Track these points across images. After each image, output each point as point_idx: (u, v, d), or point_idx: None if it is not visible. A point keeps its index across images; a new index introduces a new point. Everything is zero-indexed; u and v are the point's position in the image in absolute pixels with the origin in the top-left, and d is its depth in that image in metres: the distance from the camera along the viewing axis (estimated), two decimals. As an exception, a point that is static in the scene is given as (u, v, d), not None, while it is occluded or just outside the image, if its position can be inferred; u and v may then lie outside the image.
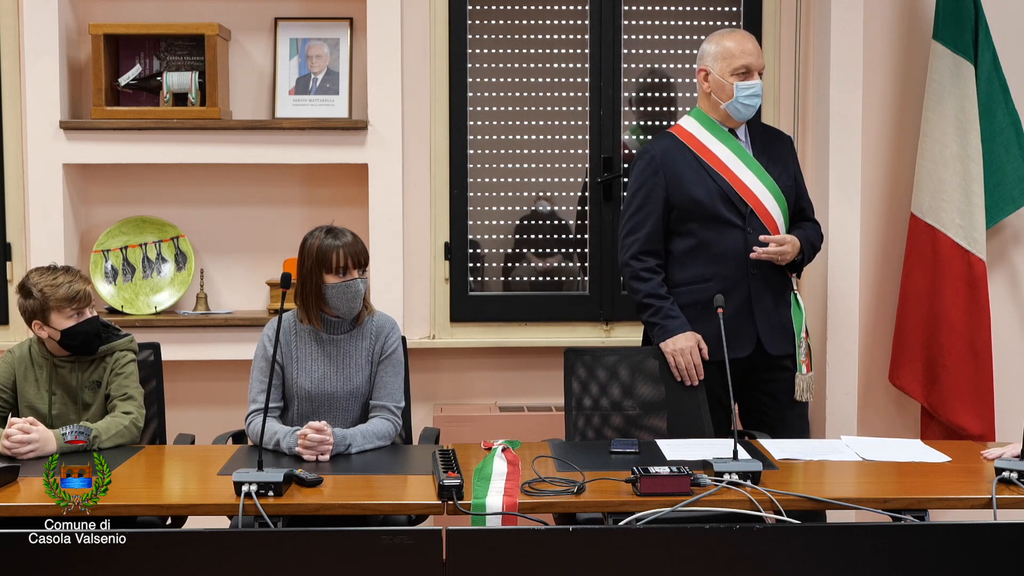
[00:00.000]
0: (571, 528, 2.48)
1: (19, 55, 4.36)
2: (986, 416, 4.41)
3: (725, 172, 3.75)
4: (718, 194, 3.74)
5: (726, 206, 3.73)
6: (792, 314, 3.81)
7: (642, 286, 3.77)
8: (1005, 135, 4.45)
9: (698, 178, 3.76)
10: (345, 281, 3.38)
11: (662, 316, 3.74)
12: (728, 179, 3.75)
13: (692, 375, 3.69)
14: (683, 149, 3.80)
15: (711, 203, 3.73)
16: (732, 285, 3.71)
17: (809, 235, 3.86)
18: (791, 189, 3.83)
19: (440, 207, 4.54)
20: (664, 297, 3.75)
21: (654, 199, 3.77)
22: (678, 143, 3.81)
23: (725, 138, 3.79)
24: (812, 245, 3.87)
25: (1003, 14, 4.50)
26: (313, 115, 4.42)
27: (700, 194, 3.74)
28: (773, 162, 3.80)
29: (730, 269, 3.73)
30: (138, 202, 4.50)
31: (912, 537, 2.50)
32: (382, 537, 2.41)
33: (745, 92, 3.71)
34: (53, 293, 3.37)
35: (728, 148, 3.78)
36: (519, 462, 3.07)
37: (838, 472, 3.16)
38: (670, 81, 4.62)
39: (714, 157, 3.77)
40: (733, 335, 3.55)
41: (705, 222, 3.75)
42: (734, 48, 3.74)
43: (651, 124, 4.61)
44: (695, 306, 3.72)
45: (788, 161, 3.87)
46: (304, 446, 3.18)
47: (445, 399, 4.58)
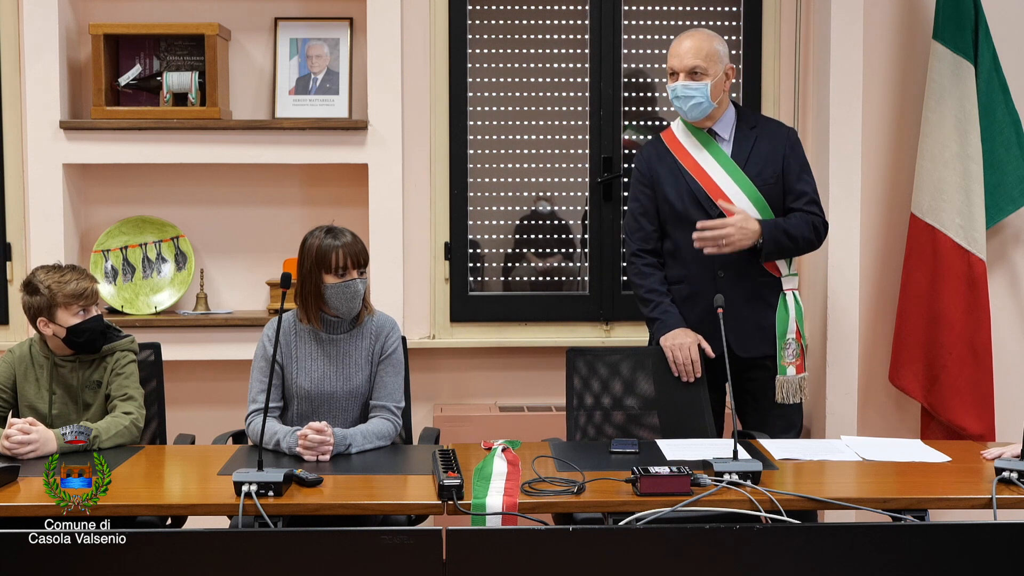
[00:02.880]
0: (571, 528, 2.48)
1: (19, 55, 4.36)
2: (986, 416, 4.41)
3: (698, 174, 3.75)
4: (688, 196, 3.75)
5: (695, 208, 3.73)
6: (777, 315, 3.75)
7: (642, 281, 3.81)
8: (1005, 135, 4.45)
9: (673, 180, 3.78)
10: (344, 281, 3.38)
11: (661, 311, 3.76)
12: (700, 181, 3.74)
13: (689, 371, 3.69)
14: (666, 152, 3.83)
15: (681, 205, 3.75)
16: (700, 288, 3.73)
17: (787, 223, 3.71)
18: (774, 186, 3.75)
19: (440, 207, 4.54)
20: (664, 293, 3.78)
21: (644, 200, 3.82)
22: (663, 146, 3.85)
23: (703, 139, 3.79)
24: (786, 232, 3.69)
25: (1003, 14, 4.50)
26: (313, 115, 4.42)
27: (672, 196, 3.77)
28: (754, 160, 3.76)
29: (698, 271, 3.73)
30: (138, 202, 4.50)
31: (912, 537, 2.50)
32: (382, 537, 2.41)
33: (671, 94, 3.74)
34: (60, 289, 3.38)
35: (705, 150, 3.78)
36: (519, 462, 3.07)
37: (838, 472, 3.15)
38: (653, 81, 4.62)
39: (690, 159, 3.78)
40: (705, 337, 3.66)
41: (677, 224, 3.77)
42: (670, 50, 3.76)
43: (642, 124, 4.62)
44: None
45: (773, 155, 3.77)
46: (304, 446, 3.18)
47: (445, 399, 4.58)
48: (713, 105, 3.73)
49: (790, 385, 3.76)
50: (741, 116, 3.84)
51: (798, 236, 3.71)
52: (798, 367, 3.77)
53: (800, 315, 3.79)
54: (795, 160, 3.80)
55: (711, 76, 3.70)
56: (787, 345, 3.76)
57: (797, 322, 3.77)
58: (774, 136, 3.82)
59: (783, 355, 3.76)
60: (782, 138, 3.83)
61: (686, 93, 3.70)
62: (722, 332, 3.32)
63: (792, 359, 3.76)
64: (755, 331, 3.75)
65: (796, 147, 3.84)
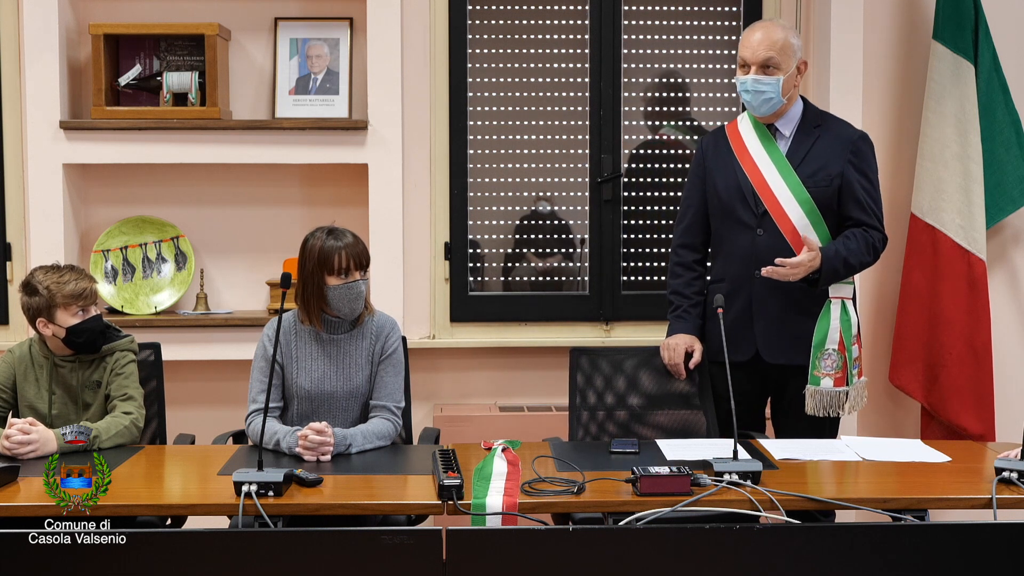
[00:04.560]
0: (571, 528, 2.48)
1: (19, 55, 4.36)
2: (986, 416, 4.41)
3: (750, 169, 3.63)
4: (736, 192, 3.64)
5: (741, 205, 3.63)
6: (818, 323, 3.58)
7: (672, 281, 3.79)
8: (1005, 135, 4.45)
9: (725, 174, 3.68)
10: (347, 283, 3.38)
11: (675, 316, 3.76)
12: (750, 176, 3.63)
13: (675, 372, 3.71)
14: (724, 144, 3.72)
15: (729, 200, 3.66)
16: (738, 287, 3.64)
17: (847, 250, 3.56)
18: (828, 190, 3.58)
19: (440, 207, 4.54)
20: (686, 297, 3.74)
21: (695, 191, 3.75)
22: (723, 138, 3.74)
23: (761, 134, 3.66)
24: (845, 261, 3.55)
25: (1003, 14, 4.50)
26: (313, 115, 4.42)
27: (721, 188, 3.68)
28: (810, 160, 3.60)
29: (737, 269, 3.65)
30: (138, 202, 4.49)
31: (912, 537, 2.50)
32: (382, 537, 2.41)
33: (740, 87, 3.62)
34: (59, 290, 3.38)
35: (761, 145, 3.65)
36: (519, 462, 3.07)
37: (838, 472, 3.16)
38: (681, 81, 4.61)
39: (745, 153, 3.66)
40: (734, 338, 3.48)
41: (723, 220, 3.69)
42: (741, 40, 3.64)
43: (659, 124, 4.62)
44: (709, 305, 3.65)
45: (833, 158, 3.60)
46: (304, 447, 3.18)
47: (445, 399, 4.58)
48: (783, 101, 3.59)
49: (823, 398, 3.60)
50: (807, 114, 3.68)
51: (855, 264, 3.58)
52: (837, 380, 3.58)
53: (847, 325, 3.60)
54: (858, 166, 3.62)
55: (784, 70, 3.56)
56: (825, 355, 3.58)
57: (842, 332, 3.59)
58: (838, 138, 3.65)
59: (817, 365, 3.59)
60: (846, 141, 3.64)
61: (757, 88, 3.56)
62: (722, 332, 3.31)
63: (830, 371, 3.58)
64: (788, 338, 3.61)
65: (862, 152, 3.64)
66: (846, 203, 3.62)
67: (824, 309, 3.61)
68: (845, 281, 3.63)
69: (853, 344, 3.63)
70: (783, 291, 3.59)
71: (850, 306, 3.63)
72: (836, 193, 3.61)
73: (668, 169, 4.60)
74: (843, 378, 3.61)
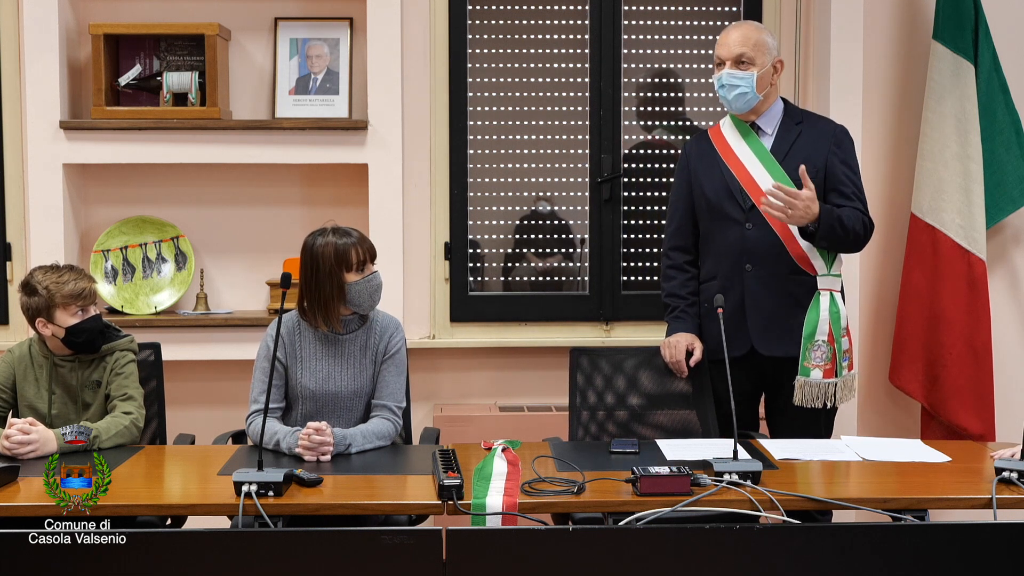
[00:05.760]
0: (571, 528, 2.48)
1: (19, 55, 4.36)
2: (986, 416, 4.41)
3: (735, 166, 3.70)
4: (724, 190, 3.70)
5: (729, 202, 3.68)
6: (808, 314, 3.63)
7: (665, 284, 3.83)
8: (1005, 135, 4.45)
9: (711, 175, 3.73)
10: (366, 276, 3.39)
11: (673, 317, 3.78)
12: (736, 173, 3.69)
13: (676, 369, 3.72)
14: (708, 146, 3.78)
15: (716, 199, 3.70)
16: (730, 283, 3.68)
17: (841, 212, 3.59)
18: (814, 181, 3.56)
19: (440, 207, 4.54)
20: (682, 298, 3.77)
21: (681, 194, 3.80)
22: (706, 141, 3.80)
23: (744, 132, 3.73)
24: (840, 221, 3.57)
25: (1003, 14, 4.50)
26: (313, 115, 4.42)
27: (708, 189, 3.73)
28: (794, 155, 3.65)
29: (729, 266, 3.68)
30: (138, 202, 4.50)
31: (912, 537, 2.50)
32: (382, 537, 2.41)
33: (716, 85, 3.70)
34: (59, 290, 3.38)
35: (745, 143, 3.72)
36: (519, 462, 3.07)
37: (838, 472, 3.16)
38: (677, 81, 4.62)
39: (729, 152, 3.72)
40: (728, 334, 3.46)
41: (712, 218, 3.73)
42: (719, 40, 3.72)
43: (658, 124, 4.62)
44: (703, 304, 3.74)
45: (816, 151, 3.66)
46: (304, 447, 3.18)
47: (445, 399, 4.58)
48: (759, 97, 3.66)
49: (812, 389, 3.63)
50: (788, 111, 3.76)
51: (850, 228, 3.60)
52: (827, 371, 3.62)
53: (836, 317, 3.62)
54: (840, 158, 3.69)
55: (758, 66, 3.64)
56: (815, 347, 3.62)
57: (831, 324, 3.62)
58: (819, 132, 3.72)
59: (808, 356, 3.62)
60: (828, 135, 3.72)
61: (731, 82, 3.64)
62: (722, 333, 3.31)
63: (820, 362, 3.62)
64: (782, 330, 3.66)
65: (843, 145, 3.72)
66: (831, 191, 3.67)
67: (813, 301, 3.64)
68: (833, 273, 3.66)
69: (843, 336, 3.66)
70: (775, 284, 3.65)
71: (838, 298, 3.67)
72: (822, 184, 3.67)
73: (668, 169, 4.60)
74: (832, 370, 3.64)
